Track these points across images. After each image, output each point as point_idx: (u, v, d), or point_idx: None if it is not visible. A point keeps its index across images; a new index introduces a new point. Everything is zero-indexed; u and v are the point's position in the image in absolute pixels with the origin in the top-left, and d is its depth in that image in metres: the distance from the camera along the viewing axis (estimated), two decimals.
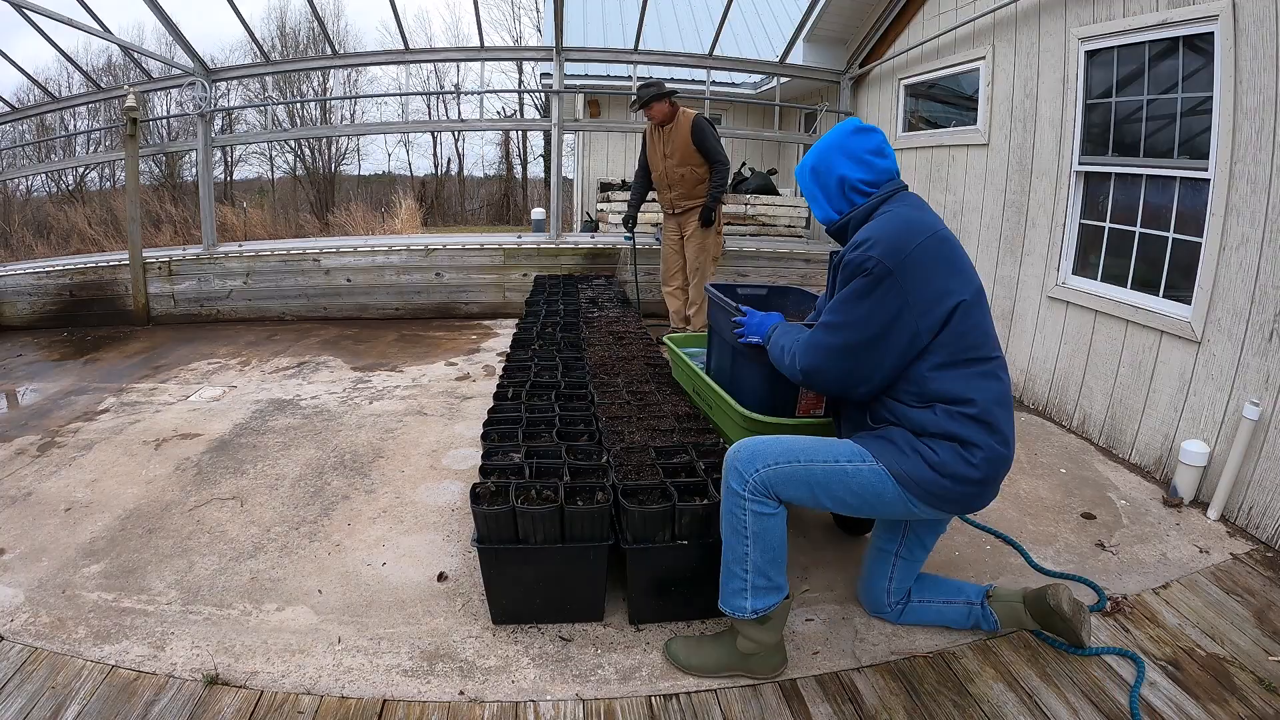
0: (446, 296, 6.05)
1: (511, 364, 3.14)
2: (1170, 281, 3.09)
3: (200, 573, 2.31)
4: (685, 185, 4.68)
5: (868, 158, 1.81)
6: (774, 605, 1.80)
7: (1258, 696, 1.80)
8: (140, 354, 4.88)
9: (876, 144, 1.83)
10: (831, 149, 1.84)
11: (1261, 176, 2.58)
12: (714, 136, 4.59)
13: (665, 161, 4.69)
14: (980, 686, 1.85)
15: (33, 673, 1.84)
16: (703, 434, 2.42)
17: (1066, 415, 3.65)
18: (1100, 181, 3.49)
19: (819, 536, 2.57)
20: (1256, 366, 2.61)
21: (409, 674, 1.87)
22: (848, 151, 1.82)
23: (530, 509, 1.91)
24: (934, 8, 4.86)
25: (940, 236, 1.70)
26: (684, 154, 4.60)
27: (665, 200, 4.87)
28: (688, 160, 4.61)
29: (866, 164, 1.81)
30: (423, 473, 3.04)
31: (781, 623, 1.85)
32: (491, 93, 25.02)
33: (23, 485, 2.90)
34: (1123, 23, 3.19)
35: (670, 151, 4.64)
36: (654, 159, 4.80)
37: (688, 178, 4.66)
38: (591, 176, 10.18)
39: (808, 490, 1.74)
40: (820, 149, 1.87)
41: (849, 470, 1.73)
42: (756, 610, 1.79)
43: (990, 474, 1.68)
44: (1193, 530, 2.64)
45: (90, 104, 9.32)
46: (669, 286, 5.05)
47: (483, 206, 23.41)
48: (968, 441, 1.65)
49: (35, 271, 5.72)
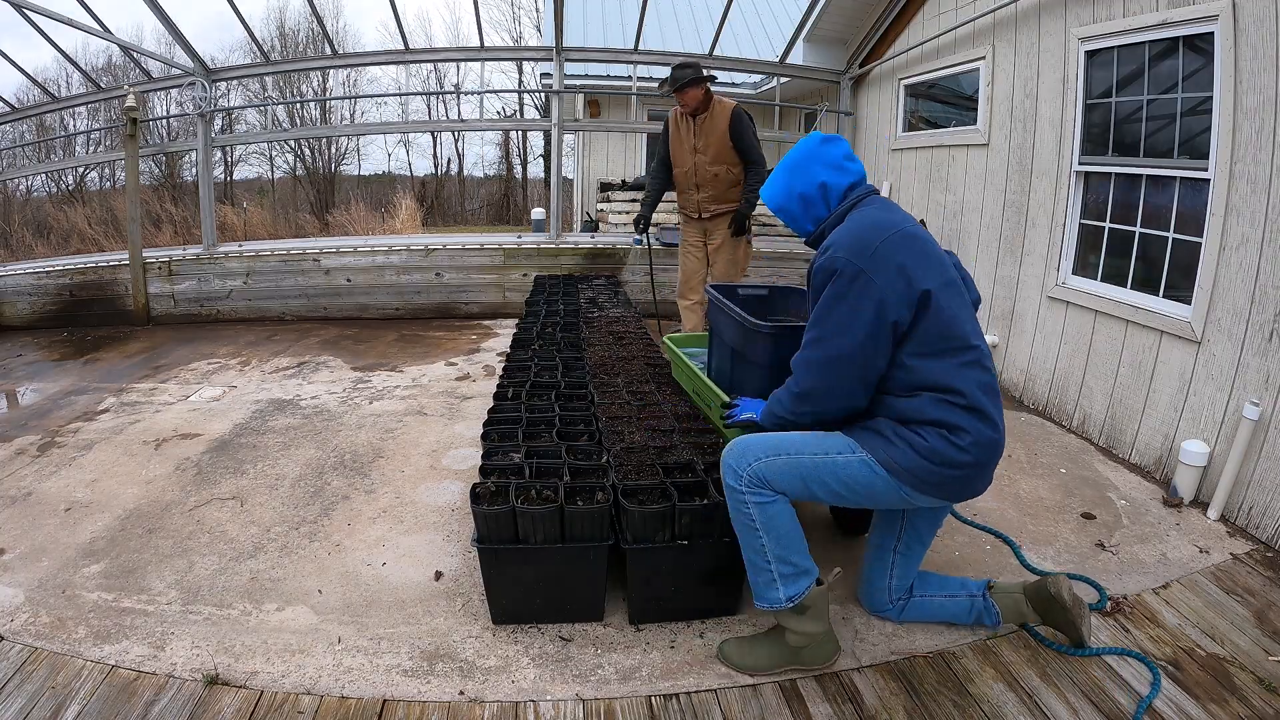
0: (446, 296, 6.05)
1: (511, 364, 3.14)
2: (1170, 281, 3.09)
3: (200, 573, 2.31)
4: (717, 187, 4.14)
5: (844, 163, 1.87)
6: (805, 590, 1.82)
7: (1258, 696, 1.80)
8: (140, 354, 4.88)
9: (846, 150, 1.91)
10: (808, 160, 1.89)
11: (1261, 176, 2.58)
12: (753, 132, 4.07)
13: (695, 158, 4.11)
14: (980, 686, 1.85)
15: (33, 673, 1.84)
16: (703, 434, 2.42)
17: (1066, 415, 3.65)
18: (1100, 181, 3.49)
19: (819, 538, 2.57)
20: (1256, 366, 2.61)
21: (409, 674, 1.87)
22: (824, 160, 1.87)
23: (530, 509, 1.91)
24: (934, 8, 4.85)
25: (906, 233, 1.72)
26: (719, 150, 4.05)
27: (690, 203, 4.29)
28: (722, 158, 4.06)
29: (843, 169, 1.87)
30: (423, 473, 3.03)
31: (824, 610, 1.86)
32: (491, 93, 25.06)
33: (23, 485, 2.90)
34: (1123, 23, 3.19)
35: (703, 146, 4.06)
36: (679, 154, 4.19)
37: (721, 178, 4.11)
38: (591, 176, 10.19)
39: (799, 482, 1.76)
40: (794, 164, 1.91)
41: (838, 461, 1.74)
42: (791, 598, 1.81)
43: (981, 458, 1.70)
44: (1193, 530, 2.64)
45: (90, 104, 9.32)
46: (687, 300, 4.49)
47: (483, 206, 23.41)
48: (955, 427, 1.67)
49: (35, 271, 5.72)
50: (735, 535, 1.88)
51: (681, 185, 4.28)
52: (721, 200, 4.17)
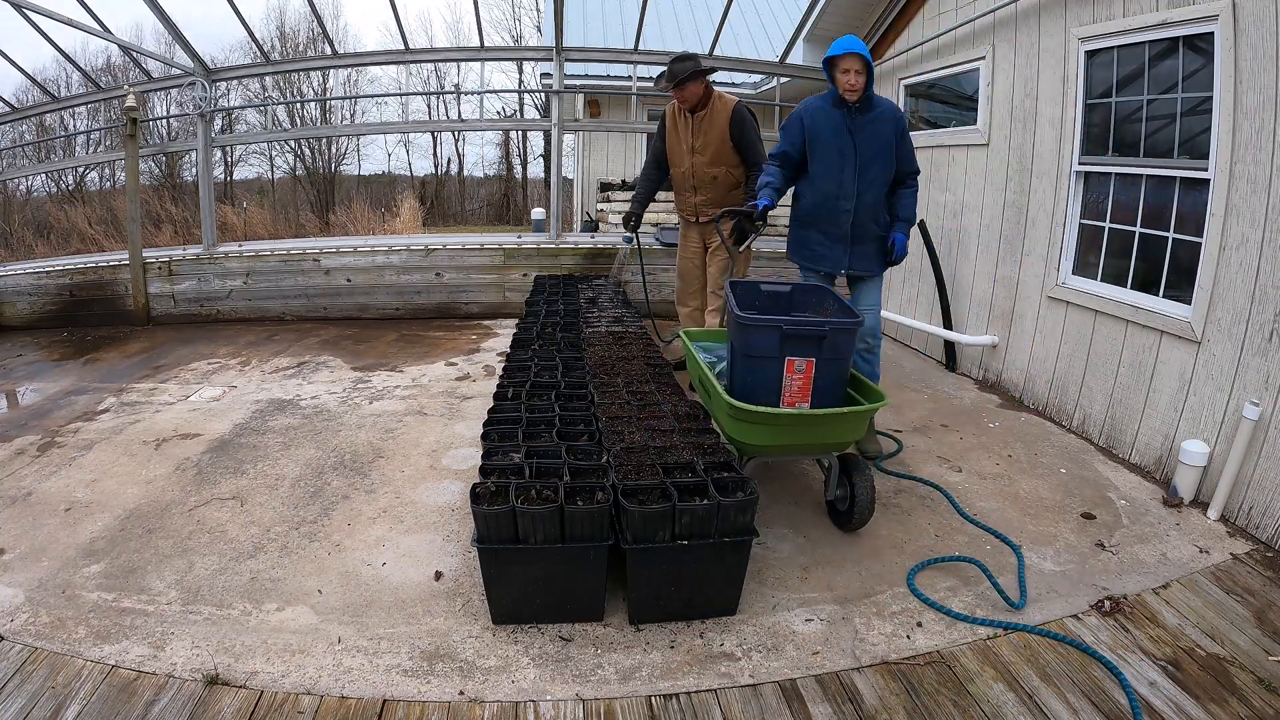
0: (446, 296, 6.05)
1: (511, 364, 3.14)
2: (1170, 281, 3.09)
3: (200, 573, 2.31)
4: (715, 190, 3.88)
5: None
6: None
7: (1258, 696, 1.80)
8: (140, 354, 4.88)
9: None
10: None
11: (1261, 176, 2.58)
12: (756, 131, 3.78)
13: (693, 158, 3.84)
14: (980, 686, 1.85)
15: (33, 673, 1.84)
16: (703, 434, 2.42)
17: (1066, 415, 3.65)
18: (1100, 181, 3.49)
19: (818, 536, 2.57)
20: (1256, 366, 2.61)
21: (409, 674, 1.87)
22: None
23: (530, 509, 1.91)
24: (934, 8, 4.85)
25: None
26: (718, 151, 3.78)
27: (686, 205, 4.04)
28: (722, 159, 3.79)
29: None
30: (423, 473, 3.03)
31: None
32: (491, 93, 25.04)
33: (23, 485, 2.90)
34: (1123, 23, 3.19)
35: (700, 146, 3.80)
36: (676, 153, 3.93)
37: (720, 181, 3.85)
38: (591, 176, 10.20)
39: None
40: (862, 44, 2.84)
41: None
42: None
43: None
44: (1193, 530, 2.64)
45: (90, 104, 9.32)
46: (686, 307, 4.30)
47: (483, 206, 23.41)
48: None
49: (35, 271, 5.72)
50: (735, 535, 1.92)
51: (679, 186, 4.04)
52: (720, 204, 3.85)
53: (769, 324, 2.33)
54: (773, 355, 2.32)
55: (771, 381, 2.35)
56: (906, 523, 2.69)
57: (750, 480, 2.08)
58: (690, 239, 4.17)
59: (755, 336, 2.33)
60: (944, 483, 2.98)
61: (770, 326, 2.31)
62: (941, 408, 3.91)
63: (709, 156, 3.81)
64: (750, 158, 3.79)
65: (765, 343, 2.32)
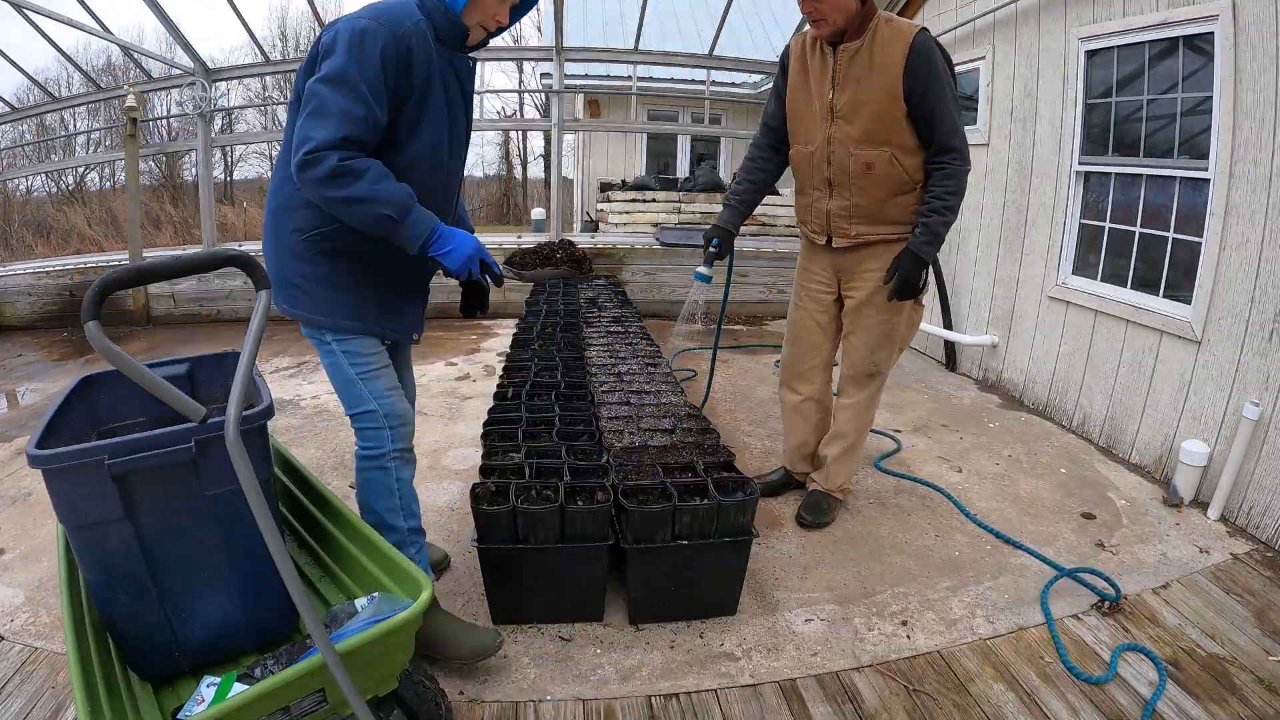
0: (446, 296, 6.00)
1: (511, 364, 3.14)
2: (1170, 281, 3.09)
3: None
4: (868, 190, 2.22)
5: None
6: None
7: (1258, 696, 1.80)
8: (141, 354, 4.88)
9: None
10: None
11: (1261, 176, 2.58)
12: (954, 89, 2.11)
13: (831, 128, 2.21)
14: (980, 686, 1.85)
15: (33, 673, 1.84)
16: (703, 434, 2.42)
17: (1066, 415, 3.65)
18: (1100, 181, 3.49)
19: (818, 536, 2.57)
20: (1256, 366, 2.61)
21: None
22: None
23: (530, 509, 1.91)
24: (934, 8, 4.85)
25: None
26: (879, 116, 2.13)
27: (814, 214, 2.39)
28: (884, 132, 2.14)
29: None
30: (422, 473, 3.02)
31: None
32: (491, 93, 25.04)
33: (23, 485, 2.90)
34: (1123, 23, 3.19)
35: (846, 107, 2.17)
36: (802, 117, 2.30)
37: (879, 172, 2.19)
38: (592, 176, 10.20)
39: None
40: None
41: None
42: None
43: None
44: (1193, 530, 2.64)
45: (90, 104, 9.31)
46: (795, 393, 2.65)
47: (483, 206, 23.39)
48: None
49: (35, 271, 5.72)
50: (735, 535, 1.89)
51: (802, 179, 2.38)
52: (876, 217, 2.26)
53: (85, 457, 1.19)
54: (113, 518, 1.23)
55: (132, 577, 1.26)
56: (906, 523, 2.69)
57: (751, 480, 2.08)
58: (815, 275, 2.51)
59: (72, 489, 1.21)
60: (944, 483, 2.98)
61: (90, 462, 1.19)
62: (941, 407, 3.91)
63: (861, 127, 2.16)
64: (938, 136, 2.12)
65: (91, 497, 1.20)
